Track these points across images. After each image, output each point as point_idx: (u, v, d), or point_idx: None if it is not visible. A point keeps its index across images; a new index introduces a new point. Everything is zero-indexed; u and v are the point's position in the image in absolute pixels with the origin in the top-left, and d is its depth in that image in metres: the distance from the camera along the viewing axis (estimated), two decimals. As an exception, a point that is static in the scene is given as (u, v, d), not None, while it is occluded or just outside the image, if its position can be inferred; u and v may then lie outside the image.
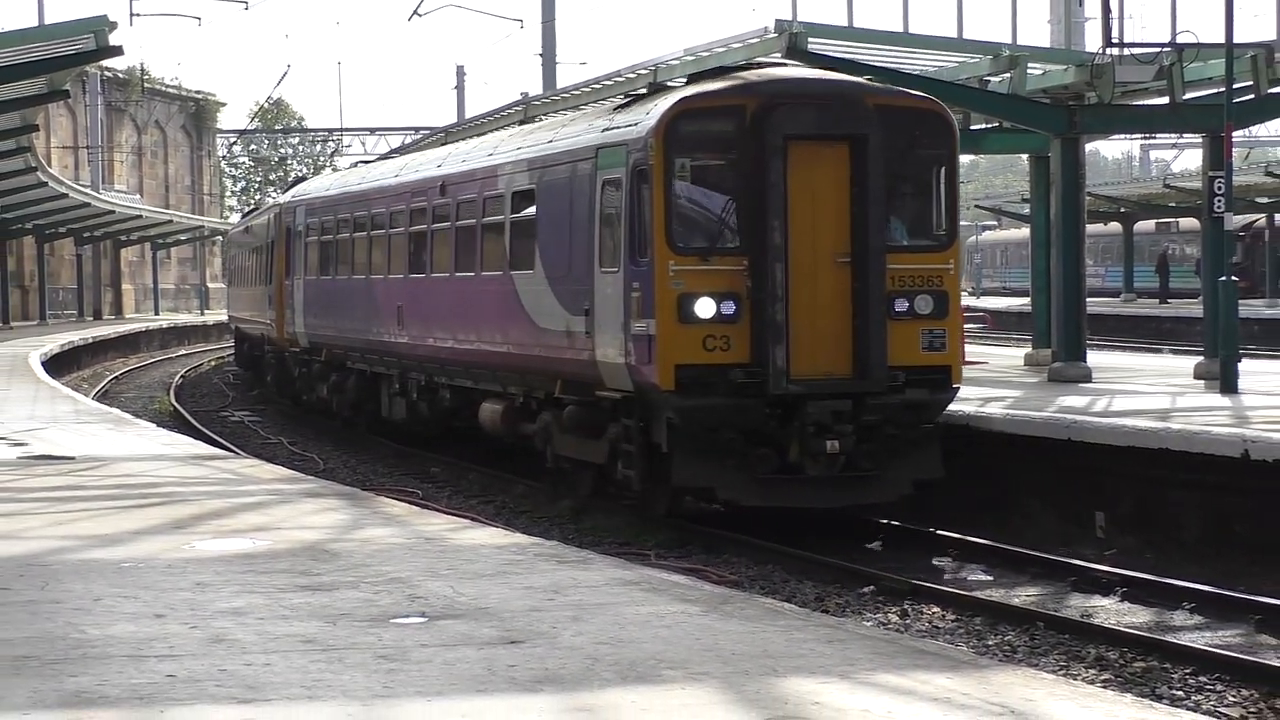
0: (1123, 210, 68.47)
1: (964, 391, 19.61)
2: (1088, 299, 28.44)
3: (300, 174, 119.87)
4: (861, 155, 18.16)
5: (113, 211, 73.80)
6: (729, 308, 17.95)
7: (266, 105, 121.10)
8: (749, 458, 17.91)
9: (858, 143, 18.23)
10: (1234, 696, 12.07)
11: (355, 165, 41.90)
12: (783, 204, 17.90)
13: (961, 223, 20.57)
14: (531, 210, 21.45)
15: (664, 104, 18.59)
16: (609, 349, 18.86)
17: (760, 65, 20.99)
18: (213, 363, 58.85)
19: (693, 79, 20.38)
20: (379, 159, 41.70)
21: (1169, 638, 13.72)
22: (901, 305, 18.33)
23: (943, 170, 19.02)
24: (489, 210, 23.03)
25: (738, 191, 18.26)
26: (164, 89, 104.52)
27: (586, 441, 20.09)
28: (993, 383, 25.41)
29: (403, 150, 47.71)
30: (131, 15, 57.25)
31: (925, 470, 18.37)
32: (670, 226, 18.03)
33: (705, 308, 17.92)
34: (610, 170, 18.99)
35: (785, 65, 22.51)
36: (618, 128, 19.28)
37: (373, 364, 29.13)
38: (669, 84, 21.91)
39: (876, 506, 18.72)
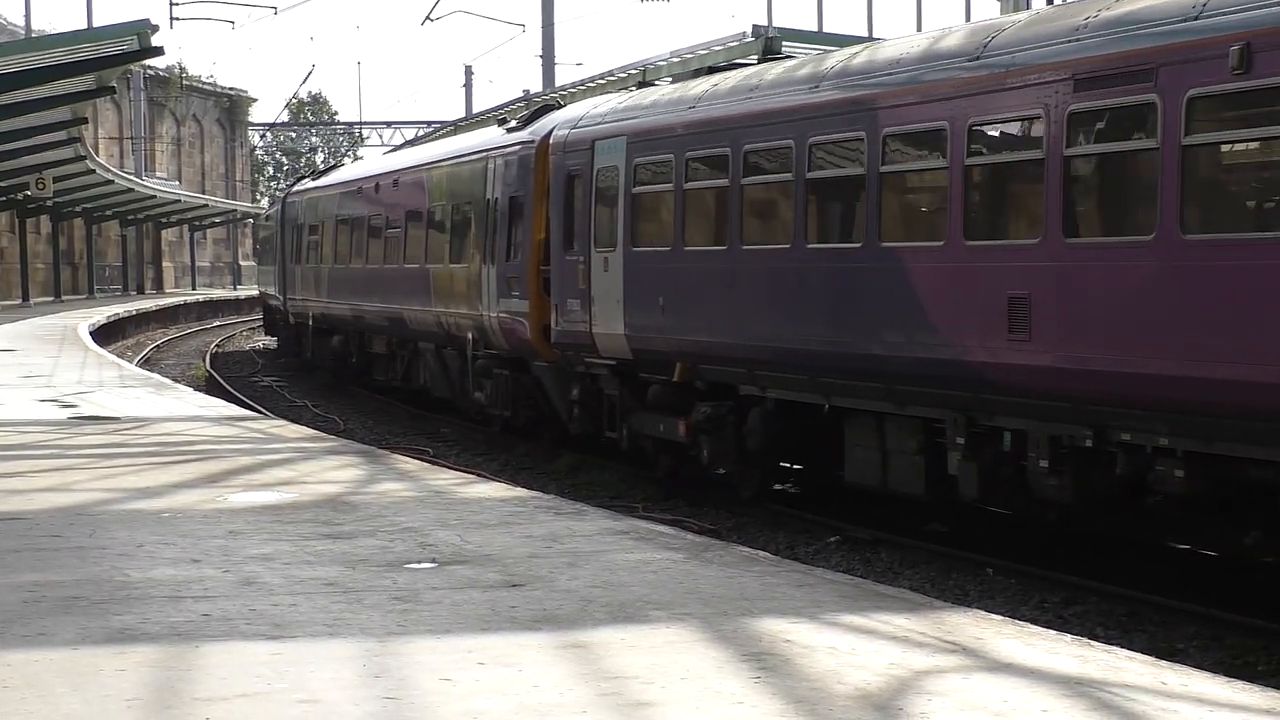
0: None
1: None
2: None
3: (329, 162, 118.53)
4: None
5: (154, 196, 73.84)
6: None
7: (305, 99, 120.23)
8: None
9: None
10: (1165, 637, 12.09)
11: (717, 71, 20.79)
12: None
13: None
14: None
15: None
16: None
17: None
18: (245, 333, 58.72)
19: None
20: (725, 72, 19.91)
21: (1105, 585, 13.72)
22: None
23: None
24: None
25: None
26: (201, 86, 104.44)
27: None
28: None
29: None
30: (171, 19, 57.96)
31: None
32: None
33: None
34: None
35: None
36: None
37: (833, 394, 15.59)
38: None
39: None
